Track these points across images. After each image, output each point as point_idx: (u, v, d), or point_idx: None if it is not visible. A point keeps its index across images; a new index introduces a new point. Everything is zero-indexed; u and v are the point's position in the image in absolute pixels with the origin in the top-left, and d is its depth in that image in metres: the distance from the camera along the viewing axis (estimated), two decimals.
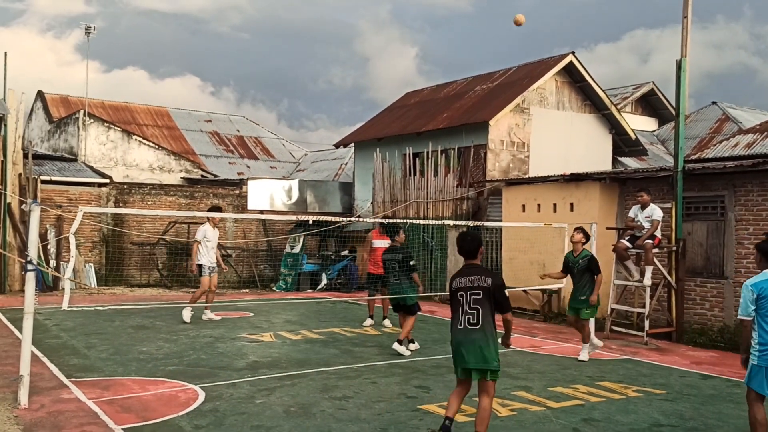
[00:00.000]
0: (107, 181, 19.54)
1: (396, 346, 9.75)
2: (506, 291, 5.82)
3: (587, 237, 9.94)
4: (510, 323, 5.86)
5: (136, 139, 23.93)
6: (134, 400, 7.01)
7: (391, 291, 10.27)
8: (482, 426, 5.50)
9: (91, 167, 20.91)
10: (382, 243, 12.41)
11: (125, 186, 20.18)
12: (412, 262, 10.01)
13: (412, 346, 10.07)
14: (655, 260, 11.40)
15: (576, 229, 9.92)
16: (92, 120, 23.20)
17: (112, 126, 23.78)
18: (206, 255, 12.38)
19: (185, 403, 6.90)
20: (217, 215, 12.90)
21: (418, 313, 10.15)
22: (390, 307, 13.03)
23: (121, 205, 19.20)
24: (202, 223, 12.38)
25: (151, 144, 24.38)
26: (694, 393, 7.90)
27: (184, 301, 12.76)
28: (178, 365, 8.74)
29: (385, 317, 12.64)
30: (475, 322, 5.60)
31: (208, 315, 12.64)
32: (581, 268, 9.60)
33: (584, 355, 9.79)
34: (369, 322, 12.75)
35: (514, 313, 15.13)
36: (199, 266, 12.40)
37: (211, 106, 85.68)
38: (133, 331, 11.36)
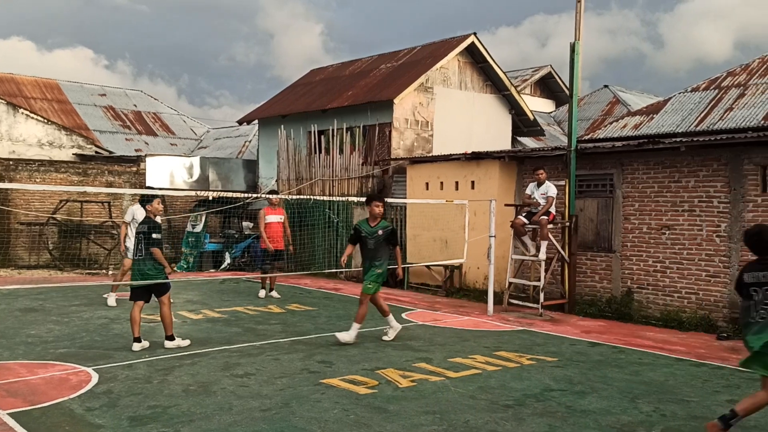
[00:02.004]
0: None
1: (168, 343, 8.49)
2: None
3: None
4: None
5: (22, 113, 22.51)
6: (21, 384, 6.68)
7: (133, 272, 8.69)
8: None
9: None
10: (274, 218, 12.78)
11: (11, 162, 19.01)
12: (155, 235, 8.47)
13: (183, 343, 8.60)
14: (550, 235, 11.89)
15: (376, 199, 9.20)
16: None
17: None
18: (134, 237, 11.74)
19: (77, 386, 6.64)
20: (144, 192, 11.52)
21: (169, 294, 8.66)
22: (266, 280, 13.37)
23: (6, 182, 18.07)
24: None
25: (39, 118, 22.99)
26: (583, 359, 8.34)
27: (77, 283, 12.24)
28: (70, 348, 8.39)
29: (272, 288, 13.36)
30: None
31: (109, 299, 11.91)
32: (380, 239, 9.06)
33: (392, 334, 9.13)
34: (263, 293, 13.29)
35: (417, 289, 15.51)
36: (126, 248, 11.50)
37: (105, 80, 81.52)
38: (21, 314, 10.78)
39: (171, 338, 8.56)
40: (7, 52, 69.88)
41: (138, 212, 11.65)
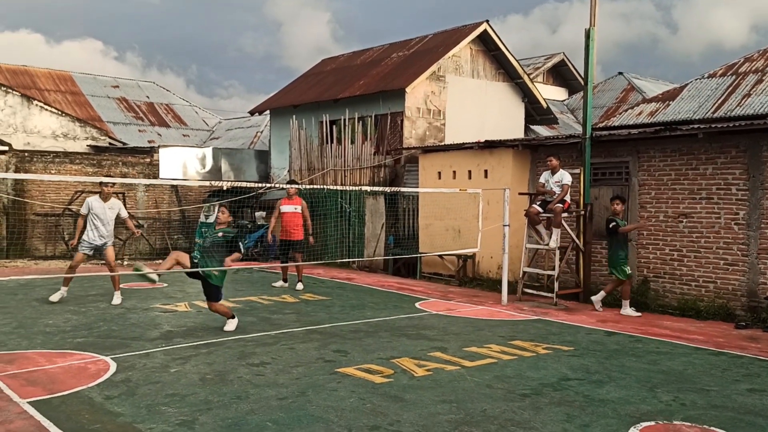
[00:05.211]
0: (6, 148, 18.46)
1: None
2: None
3: None
4: None
5: (37, 105, 22.63)
6: (40, 373, 6.72)
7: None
8: None
9: None
10: (288, 208, 12.77)
11: (26, 154, 19.13)
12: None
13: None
14: (564, 224, 11.80)
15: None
16: None
17: (10, 90, 22.37)
18: (91, 231, 10.79)
19: (95, 375, 6.68)
20: (107, 180, 10.75)
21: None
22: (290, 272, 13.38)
23: (22, 173, 18.20)
24: (113, 193, 11.42)
25: (53, 110, 23.12)
26: (600, 348, 8.29)
27: (92, 274, 12.27)
28: (88, 337, 8.44)
29: (299, 280, 12.99)
30: None
31: (114, 296, 11.15)
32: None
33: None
34: (280, 283, 13.31)
35: (429, 279, 15.50)
36: (80, 240, 10.92)
37: (115, 71, 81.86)
38: (38, 304, 10.86)
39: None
40: (17, 44, 70.27)
41: (94, 203, 10.84)
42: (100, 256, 11.15)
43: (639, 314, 10.76)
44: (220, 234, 9.15)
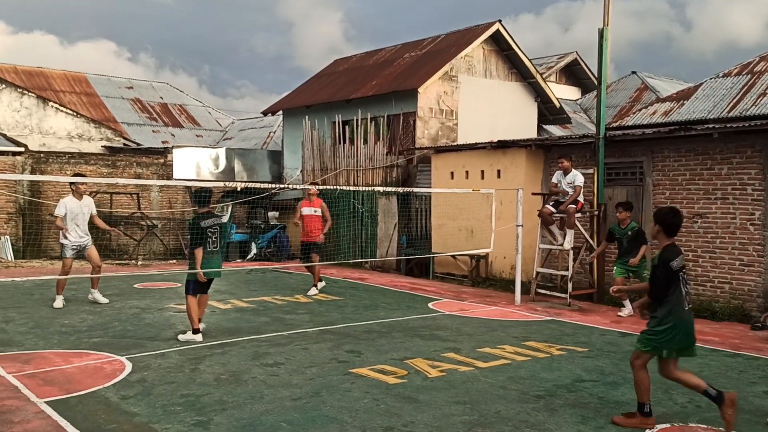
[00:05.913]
0: (22, 149, 18.62)
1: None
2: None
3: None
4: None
5: (52, 106, 22.82)
6: (57, 373, 6.79)
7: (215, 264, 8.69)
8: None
9: (4, 135, 19.84)
10: (308, 210, 12.60)
11: (42, 155, 19.30)
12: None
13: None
14: (578, 224, 11.76)
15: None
16: (4, 85, 21.95)
17: (26, 92, 22.58)
18: (72, 232, 10.55)
19: (111, 375, 6.73)
20: (79, 180, 10.55)
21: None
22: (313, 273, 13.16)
23: (38, 174, 18.37)
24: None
25: (68, 111, 23.30)
26: (614, 350, 8.25)
27: (108, 274, 12.35)
28: (103, 337, 8.51)
29: (314, 285, 12.70)
30: (689, 302, 5.51)
31: (95, 296, 11.08)
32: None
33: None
34: (314, 290, 12.63)
35: (442, 279, 15.47)
36: (62, 245, 10.70)
37: (128, 72, 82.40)
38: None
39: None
40: (32, 46, 70.94)
41: (70, 203, 10.57)
42: (83, 256, 10.89)
43: (632, 313, 10.44)
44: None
